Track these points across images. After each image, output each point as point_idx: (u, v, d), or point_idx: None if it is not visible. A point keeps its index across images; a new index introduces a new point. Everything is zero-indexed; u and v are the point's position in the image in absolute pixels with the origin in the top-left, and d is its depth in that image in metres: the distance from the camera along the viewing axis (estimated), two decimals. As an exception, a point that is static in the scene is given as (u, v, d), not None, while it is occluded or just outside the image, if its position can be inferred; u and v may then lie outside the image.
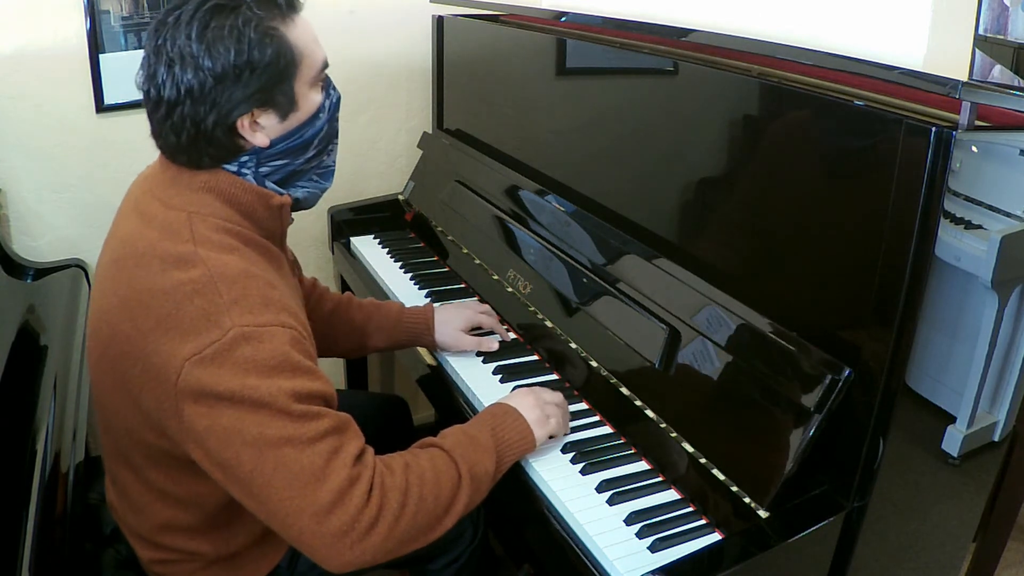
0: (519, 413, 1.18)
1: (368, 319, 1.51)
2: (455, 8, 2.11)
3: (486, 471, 1.10)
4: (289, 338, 0.97)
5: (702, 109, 1.33)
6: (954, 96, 0.92)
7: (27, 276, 1.72)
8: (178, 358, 0.94)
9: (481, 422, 1.17)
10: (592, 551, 1.07)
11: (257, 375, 0.93)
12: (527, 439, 1.17)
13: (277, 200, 1.07)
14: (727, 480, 1.10)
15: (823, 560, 1.09)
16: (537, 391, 1.25)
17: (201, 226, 1.01)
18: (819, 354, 1.07)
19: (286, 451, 0.94)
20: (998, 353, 1.11)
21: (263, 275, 1.01)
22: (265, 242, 1.08)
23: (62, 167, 1.90)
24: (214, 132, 1.00)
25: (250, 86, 0.99)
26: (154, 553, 1.14)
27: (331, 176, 1.16)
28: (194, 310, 0.94)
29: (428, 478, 1.04)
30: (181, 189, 1.03)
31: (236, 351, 0.93)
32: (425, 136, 2.20)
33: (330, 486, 0.95)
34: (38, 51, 1.81)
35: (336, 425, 0.99)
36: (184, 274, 0.96)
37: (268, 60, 0.99)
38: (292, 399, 0.95)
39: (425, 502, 1.02)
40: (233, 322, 0.94)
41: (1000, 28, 2.93)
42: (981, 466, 1.21)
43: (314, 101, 1.07)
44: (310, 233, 2.27)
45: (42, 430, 1.25)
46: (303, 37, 1.04)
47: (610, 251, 1.46)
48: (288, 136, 1.05)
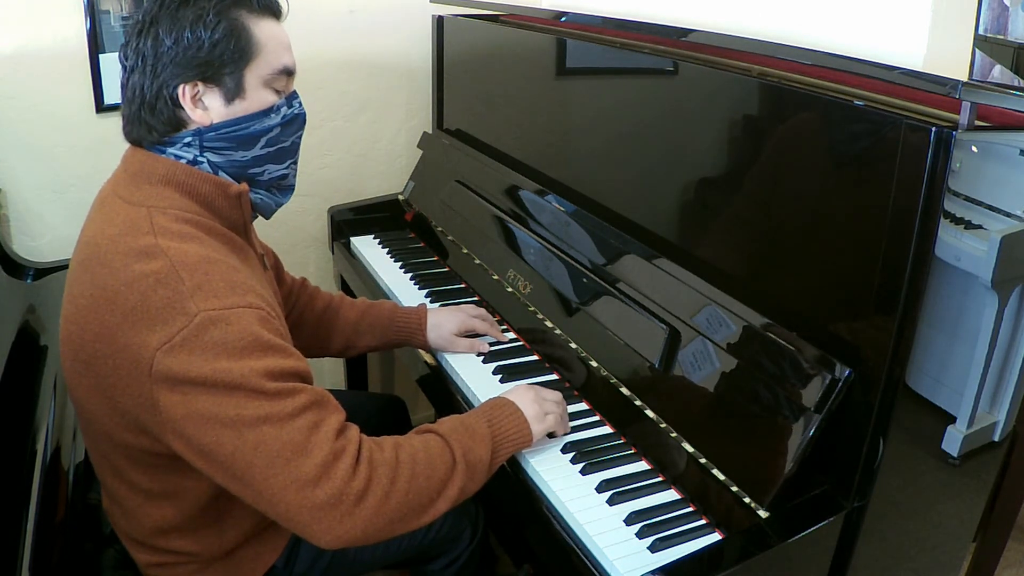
0: (517, 407, 1.19)
1: (360, 317, 1.52)
2: (455, 8, 2.12)
3: (480, 459, 1.10)
4: (257, 317, 0.98)
5: (702, 109, 1.33)
6: (954, 96, 0.92)
7: (27, 276, 1.71)
8: (149, 349, 0.94)
9: (479, 413, 1.17)
10: (592, 551, 1.07)
11: (228, 357, 0.94)
12: (524, 433, 1.17)
13: (235, 188, 1.08)
14: (727, 480, 1.10)
15: (823, 560, 1.09)
16: (537, 389, 1.25)
17: (161, 218, 1.01)
18: (819, 354, 1.07)
19: (265, 429, 0.94)
20: (998, 353, 1.11)
21: (225, 260, 1.01)
22: (228, 232, 1.09)
23: (62, 167, 1.90)
24: (156, 101, 1.02)
25: (196, 58, 1.01)
26: (150, 556, 1.14)
27: (289, 193, 1.18)
28: (158, 300, 0.95)
29: (421, 458, 1.04)
30: (140, 184, 1.05)
31: (205, 335, 0.94)
32: (425, 136, 2.21)
33: (314, 460, 0.95)
34: (38, 51, 1.81)
35: (314, 400, 0.99)
36: (146, 266, 0.96)
37: (219, 37, 1.02)
38: (266, 378, 0.95)
39: (417, 480, 1.02)
40: (198, 307, 0.94)
41: (1000, 28, 2.93)
42: (981, 466, 1.21)
43: (264, 98, 1.07)
44: (310, 233, 2.27)
45: (42, 430, 1.25)
46: (270, 37, 1.06)
47: (610, 251, 1.46)
48: (231, 124, 1.06)
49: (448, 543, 1.34)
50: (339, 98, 2.20)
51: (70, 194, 1.91)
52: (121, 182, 1.07)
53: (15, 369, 1.34)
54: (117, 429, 1.04)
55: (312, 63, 2.13)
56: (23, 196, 1.88)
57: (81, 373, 1.03)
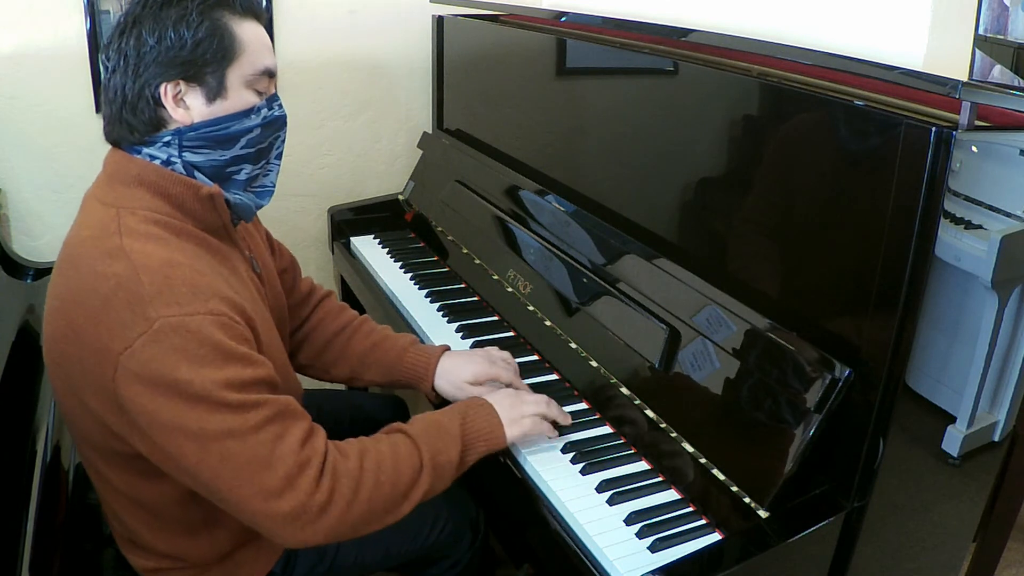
0: (493, 409, 1.19)
1: (371, 350, 1.39)
2: (455, 8, 2.12)
3: (450, 460, 1.11)
4: (218, 324, 0.96)
5: (702, 109, 1.33)
6: (954, 96, 0.92)
7: (27, 276, 1.71)
8: (112, 353, 0.93)
9: (453, 411, 1.18)
10: (592, 551, 1.07)
11: (188, 365, 0.93)
12: (496, 435, 1.18)
13: (205, 190, 1.06)
14: (727, 480, 1.10)
15: (823, 560, 1.09)
16: (520, 394, 1.25)
17: (129, 219, 1.01)
18: (819, 354, 1.07)
19: (228, 444, 0.95)
20: (998, 353, 1.11)
21: (190, 263, 1.00)
22: (201, 234, 1.07)
23: (62, 167, 1.90)
24: (138, 101, 1.02)
25: (179, 57, 1.01)
26: (145, 561, 1.14)
27: (268, 196, 1.17)
28: (119, 303, 0.94)
29: (387, 465, 1.05)
30: (115, 185, 1.05)
31: (164, 342, 0.93)
32: (425, 136, 2.21)
33: (278, 473, 0.96)
34: (38, 51, 1.81)
35: (278, 411, 0.99)
36: (109, 268, 0.96)
37: (202, 36, 1.02)
38: (227, 389, 0.94)
39: (382, 488, 1.04)
40: (158, 313, 0.93)
41: (1000, 28, 2.93)
42: (981, 466, 1.21)
43: (245, 99, 1.07)
44: (310, 233, 2.27)
45: (42, 430, 1.25)
46: (250, 37, 1.06)
47: (610, 251, 1.46)
48: (212, 123, 1.05)
49: (449, 546, 1.34)
50: (339, 98, 2.20)
51: (70, 194, 1.91)
52: (99, 184, 1.07)
53: (15, 369, 1.34)
54: (91, 431, 1.04)
55: (312, 63, 2.13)
56: (23, 196, 1.88)
57: (58, 376, 1.04)
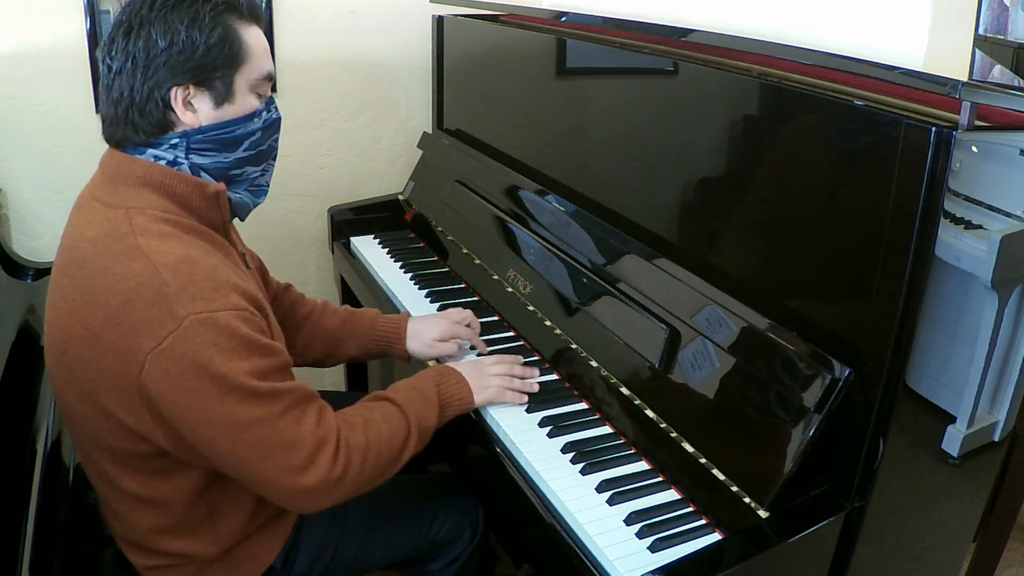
0: (462, 376, 1.30)
1: (341, 325, 1.49)
2: (455, 8, 2.12)
3: (431, 424, 1.21)
4: (241, 319, 1.00)
5: (702, 109, 1.33)
6: (954, 96, 0.92)
7: (27, 276, 1.71)
8: (139, 353, 0.95)
9: (428, 377, 1.27)
10: (592, 551, 1.07)
11: (221, 359, 0.96)
12: (466, 399, 1.29)
13: (212, 188, 1.08)
14: (727, 480, 1.10)
15: (823, 560, 1.09)
16: (483, 363, 1.35)
17: (140, 218, 1.02)
18: (819, 354, 1.07)
19: (258, 430, 1.00)
20: (998, 353, 1.11)
21: (205, 259, 1.02)
22: (207, 230, 1.09)
23: (62, 167, 1.90)
24: (147, 104, 1.03)
25: (191, 61, 1.02)
26: (146, 559, 1.15)
27: (263, 194, 1.19)
28: (143, 303, 0.95)
29: (384, 434, 1.14)
30: (118, 187, 1.05)
31: (195, 338, 0.95)
32: (425, 136, 2.21)
33: (301, 452, 1.03)
34: (38, 51, 1.81)
35: (299, 395, 1.05)
36: (127, 268, 0.97)
37: (214, 42, 1.03)
38: (256, 378, 0.99)
39: (382, 456, 1.13)
40: (186, 310, 0.95)
41: (1000, 28, 2.93)
42: (981, 466, 1.21)
43: (249, 103, 1.09)
44: (310, 233, 2.27)
45: (42, 430, 1.25)
46: (255, 43, 1.08)
47: (610, 251, 1.46)
48: (219, 127, 1.07)
49: (448, 544, 1.34)
50: (339, 98, 2.20)
51: (70, 194, 1.88)
52: (99, 185, 1.08)
53: (15, 369, 1.34)
54: (102, 432, 1.04)
55: (312, 63, 2.13)
56: (23, 196, 1.88)
57: (65, 378, 1.04)
